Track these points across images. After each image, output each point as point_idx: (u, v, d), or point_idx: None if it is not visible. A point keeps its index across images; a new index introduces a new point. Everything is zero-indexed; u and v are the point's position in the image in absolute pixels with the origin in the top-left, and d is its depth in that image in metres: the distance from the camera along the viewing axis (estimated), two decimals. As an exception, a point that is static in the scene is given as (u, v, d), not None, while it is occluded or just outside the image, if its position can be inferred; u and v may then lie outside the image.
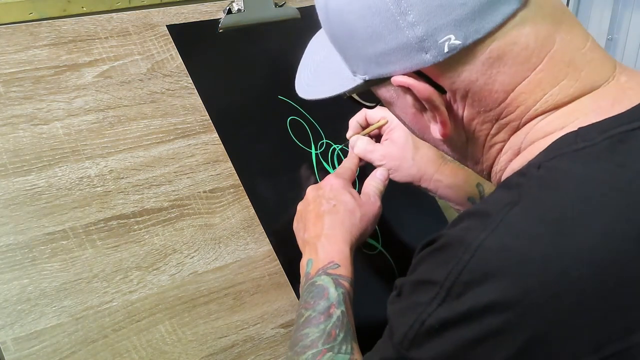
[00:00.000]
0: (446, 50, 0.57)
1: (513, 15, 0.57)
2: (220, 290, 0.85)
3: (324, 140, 1.00)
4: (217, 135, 0.93)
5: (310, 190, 0.86)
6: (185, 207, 0.87)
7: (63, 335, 0.75)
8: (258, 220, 0.90)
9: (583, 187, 0.53)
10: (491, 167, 0.66)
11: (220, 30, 1.00)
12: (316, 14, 0.65)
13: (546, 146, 0.58)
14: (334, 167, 0.99)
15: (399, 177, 0.91)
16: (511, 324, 0.50)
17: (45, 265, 0.76)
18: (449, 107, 0.62)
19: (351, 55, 0.63)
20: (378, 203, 0.86)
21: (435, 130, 0.63)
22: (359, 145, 0.92)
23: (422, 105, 0.62)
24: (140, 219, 0.83)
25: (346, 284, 0.77)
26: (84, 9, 0.97)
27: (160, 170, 0.87)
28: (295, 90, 0.74)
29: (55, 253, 0.77)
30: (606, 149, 0.55)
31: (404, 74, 0.60)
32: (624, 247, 0.51)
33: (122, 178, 0.84)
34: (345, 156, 0.99)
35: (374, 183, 0.87)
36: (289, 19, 1.06)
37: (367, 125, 0.94)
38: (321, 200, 0.84)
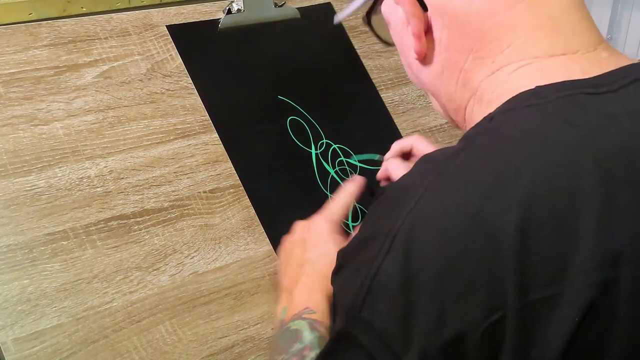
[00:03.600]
0: None
1: None
2: (221, 290, 0.85)
3: (324, 140, 1.00)
4: (217, 135, 0.93)
5: (299, 230, 0.84)
6: (185, 208, 0.87)
7: (63, 336, 0.75)
8: (258, 220, 0.90)
9: (526, 140, 0.53)
10: (464, 110, 0.65)
11: (220, 30, 1.00)
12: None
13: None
14: (333, 167, 0.99)
15: None
16: (446, 273, 0.50)
17: (45, 266, 0.76)
18: (430, 27, 0.63)
19: None
20: None
21: (412, 47, 0.64)
22: (385, 165, 0.91)
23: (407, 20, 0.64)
24: (140, 219, 0.83)
25: (322, 329, 0.72)
26: (84, 9, 0.97)
27: (160, 170, 0.87)
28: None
29: (56, 253, 0.77)
30: (558, 108, 0.54)
31: None
32: (555, 197, 0.51)
33: (122, 178, 0.84)
34: (344, 155, 1.00)
35: None
36: (289, 19, 1.06)
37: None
38: (306, 246, 0.81)
